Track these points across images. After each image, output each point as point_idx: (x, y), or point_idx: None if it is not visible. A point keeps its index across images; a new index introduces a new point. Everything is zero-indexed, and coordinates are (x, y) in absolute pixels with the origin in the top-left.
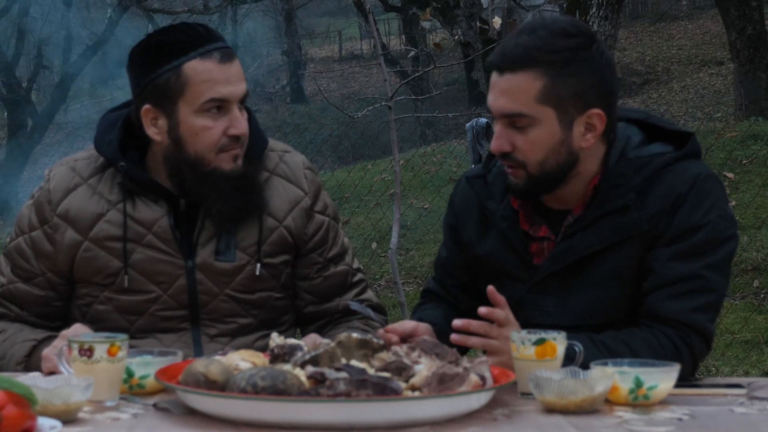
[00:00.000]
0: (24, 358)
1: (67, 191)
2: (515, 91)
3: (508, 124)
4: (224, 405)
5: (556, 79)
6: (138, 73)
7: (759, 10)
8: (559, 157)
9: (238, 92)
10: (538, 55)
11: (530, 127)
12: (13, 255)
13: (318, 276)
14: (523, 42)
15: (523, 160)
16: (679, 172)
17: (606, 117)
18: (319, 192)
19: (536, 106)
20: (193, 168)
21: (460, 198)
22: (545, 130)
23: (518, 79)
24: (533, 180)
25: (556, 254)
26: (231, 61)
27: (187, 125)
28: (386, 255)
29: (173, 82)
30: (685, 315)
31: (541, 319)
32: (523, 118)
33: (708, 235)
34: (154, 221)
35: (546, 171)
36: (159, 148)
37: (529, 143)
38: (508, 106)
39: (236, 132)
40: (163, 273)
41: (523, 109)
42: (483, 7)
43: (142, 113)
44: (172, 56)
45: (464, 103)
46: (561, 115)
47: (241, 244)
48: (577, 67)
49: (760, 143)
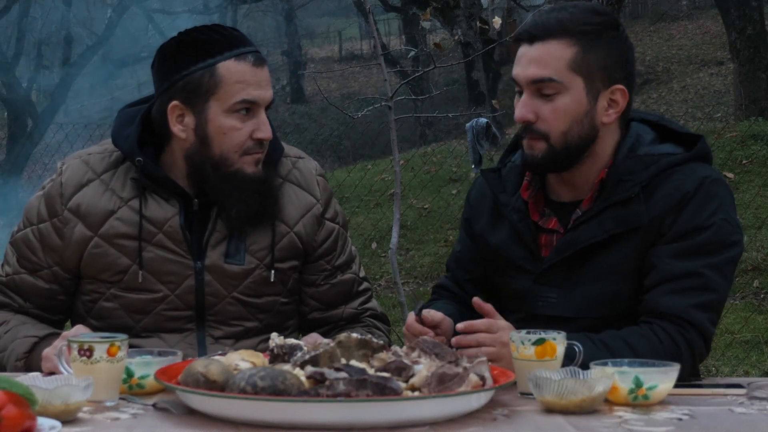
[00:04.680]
0: (24, 354)
1: (79, 186)
2: (547, 57)
3: (535, 92)
4: (224, 405)
5: (587, 49)
6: (168, 69)
7: (759, 10)
8: (582, 130)
9: (267, 96)
10: (570, 25)
11: (558, 95)
12: (19, 245)
13: (325, 283)
14: (554, 15)
15: (546, 130)
16: (687, 172)
17: (628, 95)
18: (330, 199)
19: (567, 72)
20: (216, 167)
21: (475, 191)
22: (573, 99)
23: (551, 46)
24: (553, 153)
25: (561, 245)
26: (263, 66)
27: (216, 124)
28: (386, 255)
29: (207, 80)
30: (684, 311)
31: (544, 310)
32: (553, 84)
33: (712, 236)
34: (165, 220)
35: (567, 143)
36: (180, 146)
37: (556, 112)
38: (539, 72)
39: (262, 135)
40: (172, 273)
41: (554, 74)
42: (483, 7)
43: (169, 109)
44: (208, 54)
45: (464, 103)
46: (589, 85)
47: (251, 248)
48: (606, 42)
49: (760, 143)
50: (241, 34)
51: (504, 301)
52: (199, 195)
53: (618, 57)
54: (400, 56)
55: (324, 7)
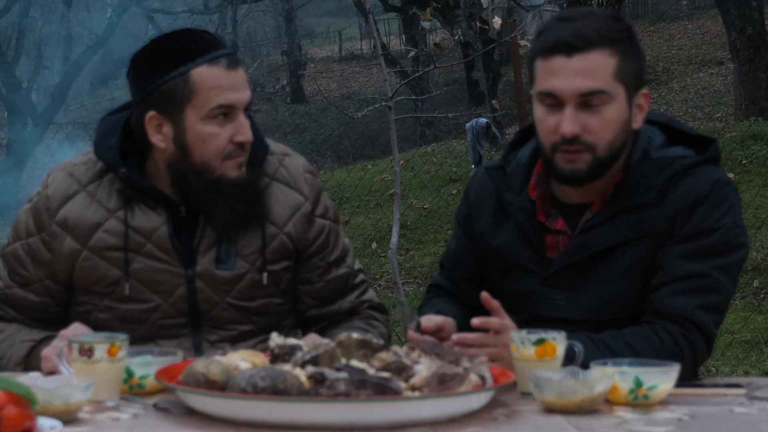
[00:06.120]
0: (23, 359)
1: (65, 198)
2: (593, 68)
3: (582, 104)
4: (224, 405)
5: (626, 56)
6: (142, 79)
7: (759, 10)
8: (624, 137)
9: (244, 99)
10: (608, 34)
11: (605, 105)
12: (10, 260)
13: (320, 280)
14: (586, 25)
15: (594, 141)
16: (700, 175)
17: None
18: (319, 196)
19: (613, 82)
20: (199, 175)
21: (476, 188)
22: (618, 108)
23: (594, 57)
24: (598, 163)
25: (572, 248)
26: (237, 68)
27: (194, 132)
28: (386, 255)
29: (181, 88)
30: (689, 311)
31: (551, 313)
32: (602, 95)
33: (721, 238)
34: (152, 230)
35: (612, 152)
36: (162, 155)
37: (604, 122)
38: (587, 84)
39: (242, 139)
40: (163, 282)
41: (603, 85)
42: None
43: (146, 120)
44: (180, 62)
45: (464, 103)
46: (628, 92)
47: (242, 252)
48: (636, 47)
49: (760, 143)
50: (214, 36)
51: (505, 301)
52: (186, 202)
53: (642, 61)
54: (400, 56)
55: (324, 7)
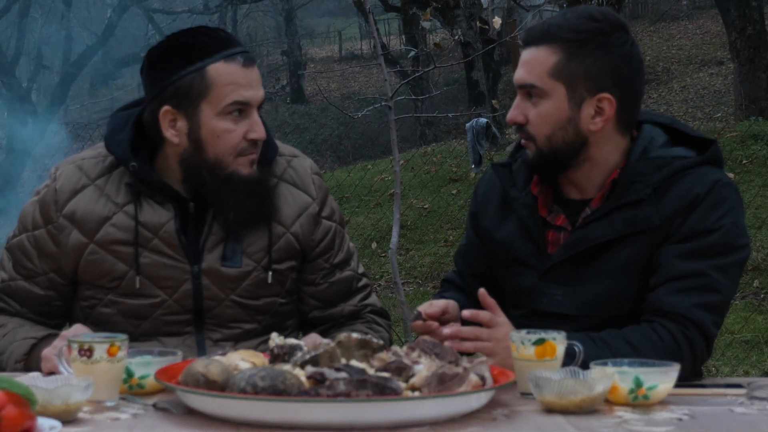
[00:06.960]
0: (23, 356)
1: (74, 192)
2: (532, 63)
3: (525, 95)
4: (224, 405)
5: (570, 57)
6: (157, 74)
7: (759, 10)
8: (566, 135)
9: (259, 96)
10: (556, 32)
11: (541, 100)
12: (15, 252)
13: (324, 282)
14: (549, 21)
15: (533, 133)
16: (698, 175)
17: (617, 104)
18: (326, 198)
19: (548, 79)
20: (212, 171)
21: (483, 186)
22: (554, 105)
23: (536, 52)
24: (542, 155)
25: (569, 243)
26: (253, 66)
27: (209, 127)
28: (386, 255)
29: (197, 83)
30: (687, 309)
31: (549, 307)
32: (536, 90)
33: (720, 239)
34: (160, 225)
35: (553, 147)
36: (174, 151)
37: (539, 116)
38: (524, 77)
39: (256, 136)
40: (169, 278)
41: (535, 81)
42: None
43: (161, 115)
44: (196, 58)
45: (464, 103)
46: (570, 92)
47: (248, 250)
48: (592, 49)
49: (760, 143)
50: (229, 34)
51: (508, 297)
52: (195, 198)
53: (606, 65)
54: (400, 56)
55: (324, 7)
